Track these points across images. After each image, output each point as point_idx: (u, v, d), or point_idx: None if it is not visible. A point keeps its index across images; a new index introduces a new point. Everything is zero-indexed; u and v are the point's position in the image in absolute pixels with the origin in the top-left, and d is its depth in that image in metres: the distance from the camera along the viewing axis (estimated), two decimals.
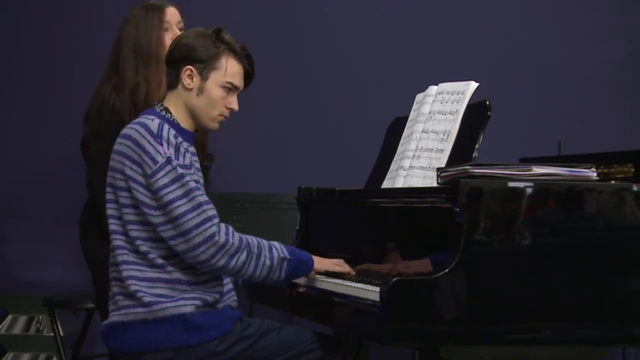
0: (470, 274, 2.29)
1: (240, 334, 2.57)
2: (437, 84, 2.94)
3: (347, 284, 2.59)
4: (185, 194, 2.51)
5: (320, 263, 2.70)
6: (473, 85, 2.79)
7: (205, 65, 2.65)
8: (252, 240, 2.57)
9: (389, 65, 4.34)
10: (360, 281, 2.61)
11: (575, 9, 4.54)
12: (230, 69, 2.68)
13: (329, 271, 2.74)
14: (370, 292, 2.40)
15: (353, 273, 2.74)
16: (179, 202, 2.50)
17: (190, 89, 2.66)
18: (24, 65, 4.56)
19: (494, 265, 2.33)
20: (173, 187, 2.51)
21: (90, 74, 4.54)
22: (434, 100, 2.89)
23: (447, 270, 2.28)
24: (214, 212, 2.53)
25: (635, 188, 2.44)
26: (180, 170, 2.52)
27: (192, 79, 2.66)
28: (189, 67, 2.65)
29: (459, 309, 2.29)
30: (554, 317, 2.36)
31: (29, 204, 4.52)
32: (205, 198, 2.54)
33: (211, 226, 2.50)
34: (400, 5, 4.53)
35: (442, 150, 2.74)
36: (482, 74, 2.94)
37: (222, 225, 2.53)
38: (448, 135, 2.75)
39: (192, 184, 2.52)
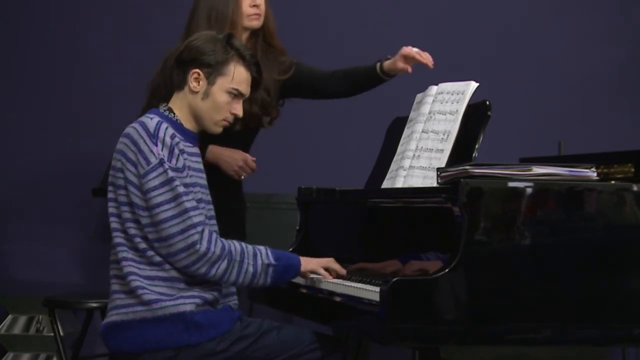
0: (470, 274, 2.29)
1: (240, 333, 2.57)
2: (437, 84, 2.94)
3: (347, 284, 2.59)
4: (173, 199, 2.51)
5: (309, 264, 2.68)
6: (473, 85, 2.79)
7: (212, 70, 2.65)
8: (236, 246, 2.56)
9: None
10: (360, 281, 2.61)
11: (575, 9, 4.54)
12: (237, 75, 2.68)
13: (316, 272, 2.72)
14: (371, 292, 2.40)
15: (343, 272, 2.72)
16: (165, 207, 2.50)
17: (196, 92, 2.66)
18: (24, 65, 4.56)
19: (494, 265, 2.33)
20: (162, 190, 2.51)
21: (91, 74, 4.56)
22: (434, 100, 2.89)
23: (447, 270, 2.28)
24: (199, 218, 2.52)
25: (635, 188, 2.44)
26: (171, 174, 2.52)
27: (199, 82, 2.65)
28: (197, 70, 2.65)
29: (459, 309, 2.29)
30: (554, 317, 2.36)
31: (29, 204, 4.52)
32: (192, 204, 2.53)
33: (194, 234, 2.50)
34: (400, 4, 4.53)
35: (442, 150, 2.74)
36: (482, 74, 2.95)
37: (206, 232, 2.52)
38: (448, 135, 2.75)
39: (181, 189, 2.52)
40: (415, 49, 3.08)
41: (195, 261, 2.51)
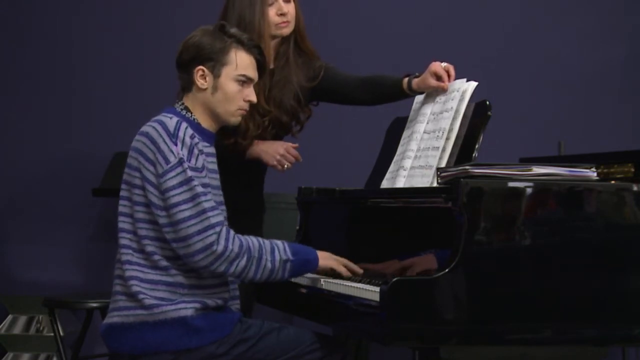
0: (470, 274, 2.29)
1: (240, 336, 2.57)
2: None
3: (347, 284, 2.59)
4: (191, 199, 2.50)
5: (326, 261, 2.68)
6: (473, 84, 2.79)
7: (215, 63, 2.64)
8: (253, 243, 2.56)
9: (388, 65, 4.34)
10: (360, 281, 2.61)
11: (576, 9, 4.54)
12: (240, 61, 2.66)
13: (335, 270, 2.72)
14: (371, 292, 2.40)
15: (360, 272, 2.72)
16: (183, 206, 2.49)
17: (205, 89, 2.65)
18: (23, 65, 4.56)
19: (494, 265, 2.33)
20: (180, 189, 2.50)
21: (90, 74, 4.56)
22: (434, 101, 2.89)
23: (447, 270, 2.28)
24: (218, 218, 2.52)
25: (635, 188, 2.44)
26: (190, 173, 2.51)
27: (205, 78, 2.64)
28: (200, 67, 2.64)
29: (459, 309, 2.29)
30: (554, 317, 2.36)
31: (29, 204, 4.52)
32: (210, 204, 2.52)
33: (212, 234, 2.48)
34: (400, 4, 4.53)
35: (443, 150, 2.74)
36: (482, 74, 2.94)
37: (224, 230, 2.51)
38: (448, 133, 2.74)
39: (199, 189, 2.51)
40: (444, 64, 2.89)
41: (214, 261, 2.50)
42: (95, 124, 4.54)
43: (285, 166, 3.14)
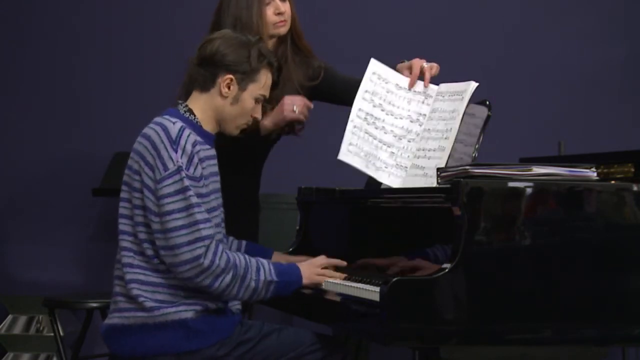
0: (470, 274, 2.29)
1: (240, 338, 2.57)
2: (437, 84, 2.94)
3: (347, 284, 2.59)
4: (185, 208, 2.50)
5: (309, 279, 2.67)
6: (473, 85, 2.79)
7: (245, 77, 2.65)
8: (240, 260, 2.55)
9: (388, 65, 4.34)
10: (360, 281, 2.61)
11: (576, 9, 4.54)
12: (266, 82, 2.69)
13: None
14: (371, 292, 2.40)
15: (343, 275, 2.71)
16: (176, 215, 2.49)
17: (226, 97, 2.65)
18: (24, 65, 4.56)
19: (494, 265, 2.33)
20: (175, 198, 2.50)
21: (91, 74, 4.56)
22: (434, 100, 2.89)
23: (447, 270, 2.28)
24: (208, 232, 2.51)
25: (635, 188, 2.44)
26: (186, 183, 2.51)
27: (230, 87, 2.65)
28: (230, 76, 2.63)
29: (459, 309, 2.29)
30: (554, 317, 2.36)
31: (29, 204, 4.53)
32: (203, 216, 2.51)
33: (200, 247, 2.48)
34: (400, 4, 4.53)
35: (442, 149, 2.74)
36: (482, 74, 2.94)
37: (212, 245, 2.50)
38: (448, 134, 2.74)
39: (194, 200, 2.51)
40: (427, 64, 2.95)
41: (199, 273, 2.49)
42: (95, 124, 4.54)
43: (296, 110, 3.07)
